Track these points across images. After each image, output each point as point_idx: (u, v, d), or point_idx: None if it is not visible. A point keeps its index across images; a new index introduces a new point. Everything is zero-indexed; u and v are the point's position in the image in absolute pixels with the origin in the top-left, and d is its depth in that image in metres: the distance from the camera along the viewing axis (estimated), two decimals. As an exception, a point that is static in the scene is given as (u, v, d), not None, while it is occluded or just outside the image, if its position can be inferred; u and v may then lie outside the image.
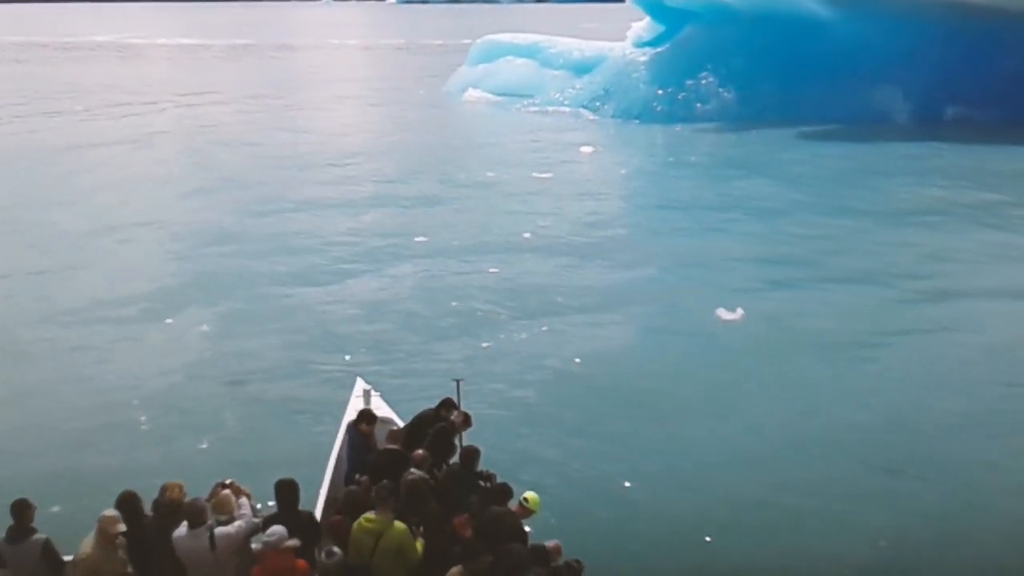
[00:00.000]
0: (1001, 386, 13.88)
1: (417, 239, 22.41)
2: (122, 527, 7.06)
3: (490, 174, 30.49)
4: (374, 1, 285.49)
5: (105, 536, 7.01)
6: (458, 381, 9.65)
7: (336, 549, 7.08)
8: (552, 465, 11.44)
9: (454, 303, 17.73)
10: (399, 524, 7.25)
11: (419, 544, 7.44)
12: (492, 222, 24.11)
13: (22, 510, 7.26)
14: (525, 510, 7.75)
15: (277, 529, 6.92)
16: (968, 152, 33.07)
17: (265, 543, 6.89)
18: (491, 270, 19.85)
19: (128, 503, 7.48)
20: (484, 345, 15.61)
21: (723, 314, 16.52)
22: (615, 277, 19.48)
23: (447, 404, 9.45)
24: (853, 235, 22.60)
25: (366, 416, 9.19)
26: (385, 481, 7.55)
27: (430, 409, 9.51)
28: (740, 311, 16.54)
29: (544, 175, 29.97)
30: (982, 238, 22.27)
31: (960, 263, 20.28)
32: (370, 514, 7.31)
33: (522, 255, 21.02)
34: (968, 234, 22.57)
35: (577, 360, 14.88)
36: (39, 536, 7.23)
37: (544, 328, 16.32)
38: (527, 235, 22.64)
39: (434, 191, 27.95)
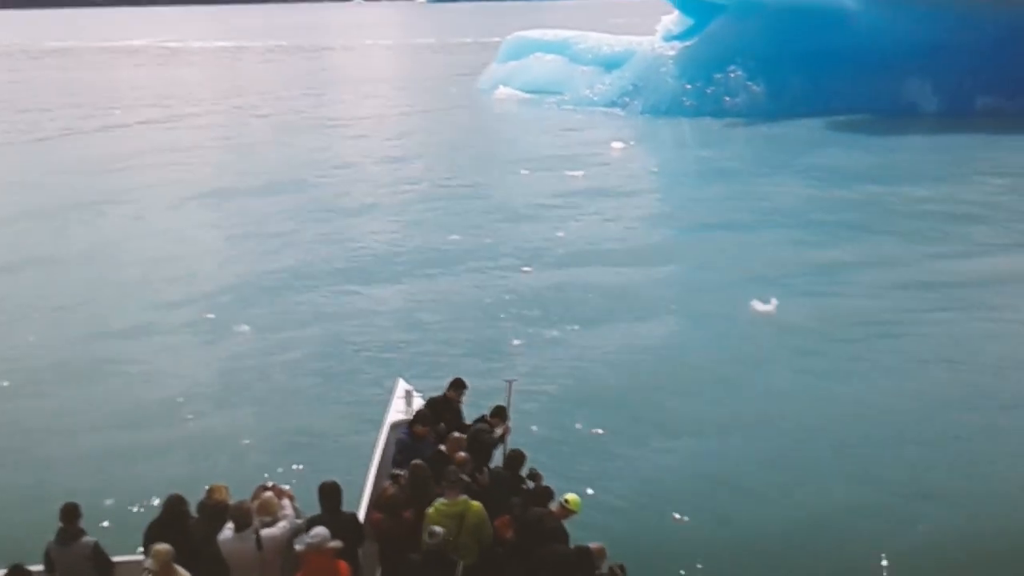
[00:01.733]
0: None
1: (451, 237, 22.41)
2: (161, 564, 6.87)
3: (524, 172, 30.45)
4: (404, 1, 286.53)
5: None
6: (510, 382, 9.51)
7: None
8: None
9: (488, 300, 17.78)
10: (475, 503, 7.48)
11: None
12: (524, 222, 23.88)
13: (71, 513, 7.31)
14: (566, 511, 7.73)
15: (320, 530, 6.93)
16: (995, 140, 32.63)
17: (308, 544, 6.88)
18: (524, 268, 19.83)
19: (175, 506, 7.53)
20: (516, 342, 15.72)
21: (758, 306, 16.44)
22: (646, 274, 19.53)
23: (456, 385, 9.43)
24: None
25: (422, 418, 9.05)
26: (451, 467, 7.72)
27: (438, 396, 9.51)
28: (774, 302, 16.41)
29: (575, 173, 29.79)
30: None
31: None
32: (442, 500, 7.49)
33: (552, 258, 20.76)
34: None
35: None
36: (88, 539, 7.26)
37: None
38: (560, 233, 22.54)
39: (466, 192, 27.92)
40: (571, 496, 7.83)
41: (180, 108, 50.88)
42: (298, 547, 7.13)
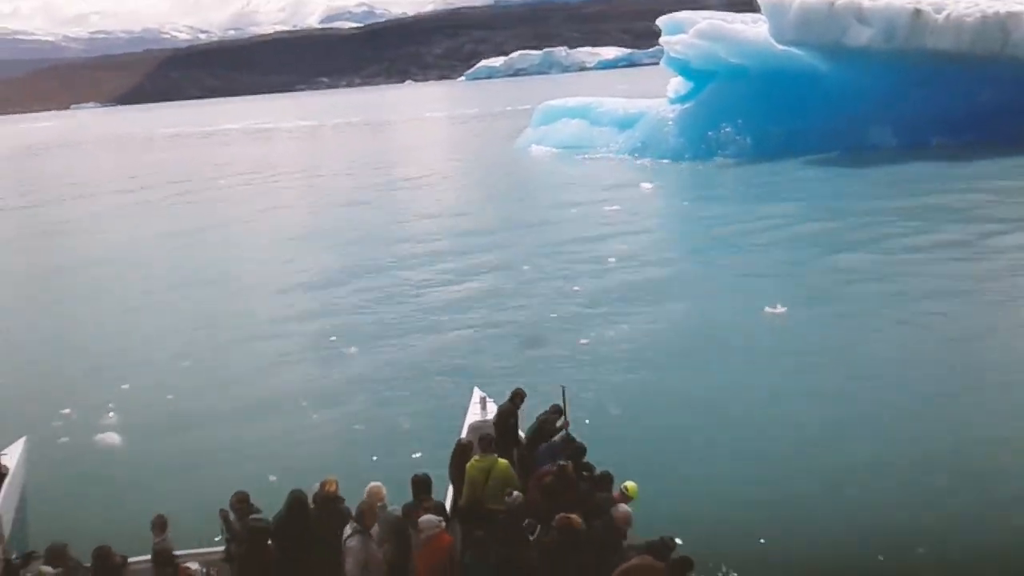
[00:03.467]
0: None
1: (524, 267, 22.64)
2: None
3: (573, 211, 30.61)
4: (448, 80, 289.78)
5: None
6: (564, 387, 9.22)
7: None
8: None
9: (553, 314, 18.21)
10: (501, 460, 8.13)
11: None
12: (577, 249, 24.19)
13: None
14: (625, 497, 7.51)
15: (430, 518, 7.03)
16: (947, 167, 32.89)
17: (428, 532, 6.95)
18: (575, 287, 20.20)
19: (298, 500, 7.47)
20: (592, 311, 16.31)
21: (769, 309, 16.77)
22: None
23: (516, 395, 9.50)
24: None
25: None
26: (486, 433, 8.62)
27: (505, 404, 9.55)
28: (780, 307, 16.80)
29: (612, 207, 30.21)
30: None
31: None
32: (476, 457, 8.24)
33: (607, 273, 21.32)
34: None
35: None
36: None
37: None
38: (611, 259, 22.72)
39: (526, 227, 28.39)
40: (630, 484, 7.58)
41: (287, 172, 52.61)
42: (422, 536, 7.06)
